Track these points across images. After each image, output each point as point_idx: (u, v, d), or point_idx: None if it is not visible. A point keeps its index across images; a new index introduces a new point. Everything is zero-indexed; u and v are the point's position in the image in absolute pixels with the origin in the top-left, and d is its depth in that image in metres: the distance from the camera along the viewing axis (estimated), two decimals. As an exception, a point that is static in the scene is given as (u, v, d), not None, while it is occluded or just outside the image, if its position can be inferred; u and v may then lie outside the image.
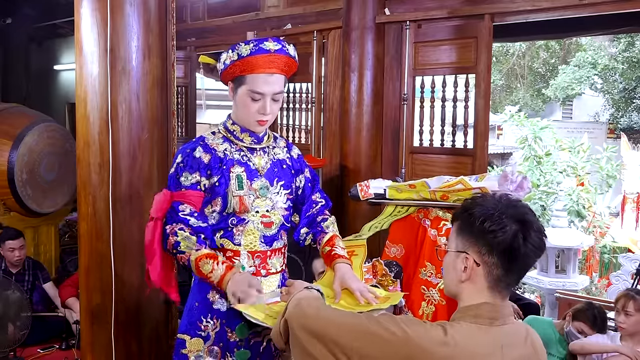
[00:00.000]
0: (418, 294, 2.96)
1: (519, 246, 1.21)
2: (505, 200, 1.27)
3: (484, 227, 1.23)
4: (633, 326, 2.85)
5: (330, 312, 1.30)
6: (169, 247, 1.81)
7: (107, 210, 2.76)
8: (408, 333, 1.16)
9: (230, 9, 5.52)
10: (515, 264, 1.24)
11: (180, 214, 1.82)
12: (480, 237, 1.24)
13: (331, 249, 1.96)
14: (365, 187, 3.17)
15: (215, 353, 1.89)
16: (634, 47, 11.88)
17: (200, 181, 1.86)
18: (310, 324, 1.26)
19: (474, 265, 1.25)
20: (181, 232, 1.79)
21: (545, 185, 8.31)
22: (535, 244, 1.22)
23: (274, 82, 1.84)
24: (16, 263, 4.07)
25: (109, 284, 2.78)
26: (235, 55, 1.84)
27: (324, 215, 2.10)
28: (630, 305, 2.84)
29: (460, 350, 1.16)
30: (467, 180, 2.89)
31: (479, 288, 1.26)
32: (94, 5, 2.71)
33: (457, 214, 1.33)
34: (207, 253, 1.77)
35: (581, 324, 3.03)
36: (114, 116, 2.75)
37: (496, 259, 1.23)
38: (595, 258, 7.45)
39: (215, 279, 1.73)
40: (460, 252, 1.27)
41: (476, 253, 1.25)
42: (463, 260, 1.26)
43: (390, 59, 4.21)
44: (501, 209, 1.24)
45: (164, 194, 1.85)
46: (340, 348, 1.20)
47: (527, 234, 1.21)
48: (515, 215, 1.23)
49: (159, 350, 2.99)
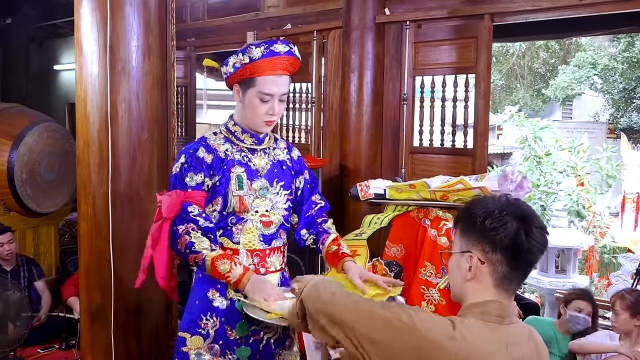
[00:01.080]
0: (418, 294, 2.96)
1: (522, 242, 1.22)
2: (505, 199, 1.29)
3: (485, 225, 1.24)
4: (623, 325, 2.85)
5: (345, 298, 1.31)
6: (180, 246, 1.82)
7: (106, 210, 2.76)
8: (416, 324, 1.18)
9: (230, 9, 5.52)
10: (519, 260, 1.24)
11: (190, 214, 1.84)
12: (483, 236, 1.25)
13: (338, 249, 1.99)
14: (365, 187, 3.17)
15: (215, 351, 1.90)
16: (634, 47, 11.88)
17: (204, 181, 1.88)
18: (326, 309, 1.30)
19: (479, 264, 1.26)
20: (194, 232, 1.82)
21: (545, 185, 8.30)
22: (538, 239, 1.23)
23: (283, 83, 1.89)
24: (7, 257, 4.06)
25: (109, 283, 2.79)
26: (246, 58, 1.85)
27: (323, 217, 2.12)
28: (617, 304, 2.85)
29: (468, 346, 1.17)
30: (467, 180, 2.89)
31: (484, 286, 1.26)
32: (94, 5, 2.71)
33: (459, 216, 1.35)
34: (224, 253, 1.83)
35: (575, 302, 3.07)
36: (114, 116, 2.75)
37: (500, 255, 1.24)
38: (595, 258, 7.45)
39: (233, 279, 1.78)
40: (464, 252, 1.28)
41: (480, 251, 1.26)
42: (467, 260, 1.27)
43: (390, 59, 4.22)
44: (501, 207, 1.25)
45: (177, 194, 1.86)
46: (353, 333, 1.23)
47: (529, 229, 1.23)
48: (515, 213, 1.24)
49: (159, 350, 3.00)
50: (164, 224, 1.85)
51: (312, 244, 2.08)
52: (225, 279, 1.78)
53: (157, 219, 1.87)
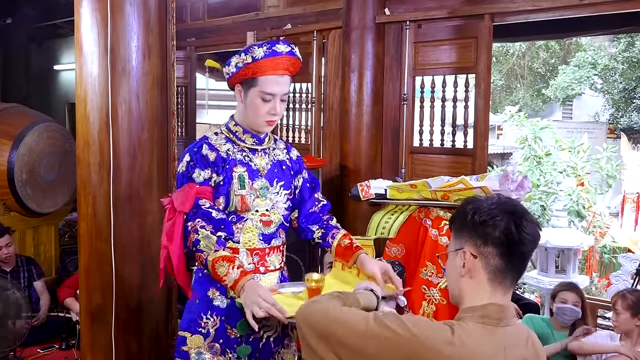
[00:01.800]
0: (419, 294, 2.96)
1: (513, 233, 1.23)
2: (497, 198, 1.30)
3: (475, 220, 1.25)
4: (623, 324, 2.85)
5: (338, 312, 1.28)
6: (189, 244, 1.83)
7: (107, 210, 2.76)
8: (413, 332, 1.17)
9: (230, 9, 5.53)
10: (511, 253, 1.24)
11: (202, 207, 1.85)
12: (474, 230, 1.26)
13: (351, 242, 2.01)
14: (366, 188, 3.17)
15: (216, 350, 1.91)
16: (634, 47, 11.88)
17: (211, 177, 1.90)
18: (315, 323, 1.27)
19: (471, 258, 1.26)
20: (202, 230, 1.81)
21: (545, 185, 8.30)
22: (529, 231, 1.24)
23: (284, 82, 1.91)
24: (6, 260, 4.06)
25: (109, 283, 2.78)
26: (249, 58, 1.87)
27: (327, 214, 2.14)
28: (618, 303, 2.86)
29: (467, 351, 1.16)
30: (468, 180, 2.89)
31: (479, 282, 1.27)
32: (94, 5, 2.71)
33: (452, 218, 1.36)
34: (224, 255, 1.78)
35: (560, 294, 3.11)
36: (114, 116, 2.75)
37: (492, 248, 1.24)
38: (595, 258, 7.44)
39: (229, 283, 1.75)
40: (458, 249, 1.29)
41: (472, 246, 1.27)
42: (461, 256, 1.28)
43: (390, 59, 4.22)
44: (492, 203, 1.27)
45: (189, 186, 1.87)
46: (343, 347, 1.20)
47: (519, 222, 1.23)
48: (506, 208, 1.26)
49: (159, 350, 2.99)
50: (178, 219, 1.84)
51: (320, 238, 2.08)
52: (223, 282, 1.78)
53: (169, 219, 1.86)
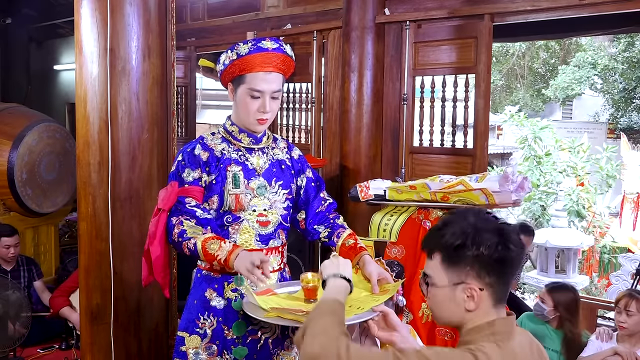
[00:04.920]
0: (418, 296, 2.96)
1: (507, 254, 1.22)
2: (472, 217, 1.26)
3: (472, 252, 1.22)
4: (634, 326, 2.85)
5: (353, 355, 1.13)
6: (174, 237, 1.82)
7: (106, 210, 2.77)
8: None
9: (230, 9, 5.52)
10: (508, 273, 1.25)
11: (187, 205, 1.85)
12: (473, 262, 1.22)
13: (355, 242, 2.00)
14: (365, 188, 3.17)
15: (213, 350, 1.91)
16: (634, 47, 11.87)
17: (201, 177, 1.90)
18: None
19: (479, 292, 1.23)
20: (187, 221, 1.82)
21: (545, 185, 8.31)
22: (517, 244, 1.24)
23: (272, 80, 1.88)
24: (9, 260, 4.08)
25: (109, 283, 2.79)
26: (234, 55, 1.87)
27: (334, 213, 2.13)
28: (632, 304, 2.85)
29: None
30: (467, 180, 2.89)
31: (485, 310, 1.25)
32: (94, 5, 2.71)
33: (432, 246, 1.29)
34: (214, 235, 1.80)
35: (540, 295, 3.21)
36: (114, 116, 2.75)
37: (494, 277, 1.23)
38: (595, 258, 7.45)
39: (222, 257, 1.74)
40: (458, 284, 1.25)
41: (475, 279, 1.23)
42: (465, 291, 1.24)
43: (390, 59, 4.22)
44: (475, 226, 1.23)
45: (172, 185, 1.88)
46: None
47: (508, 238, 1.23)
48: (490, 228, 1.23)
49: (159, 350, 3.00)
50: (161, 217, 1.86)
51: (326, 237, 2.07)
52: (216, 258, 1.75)
53: (155, 215, 1.88)
